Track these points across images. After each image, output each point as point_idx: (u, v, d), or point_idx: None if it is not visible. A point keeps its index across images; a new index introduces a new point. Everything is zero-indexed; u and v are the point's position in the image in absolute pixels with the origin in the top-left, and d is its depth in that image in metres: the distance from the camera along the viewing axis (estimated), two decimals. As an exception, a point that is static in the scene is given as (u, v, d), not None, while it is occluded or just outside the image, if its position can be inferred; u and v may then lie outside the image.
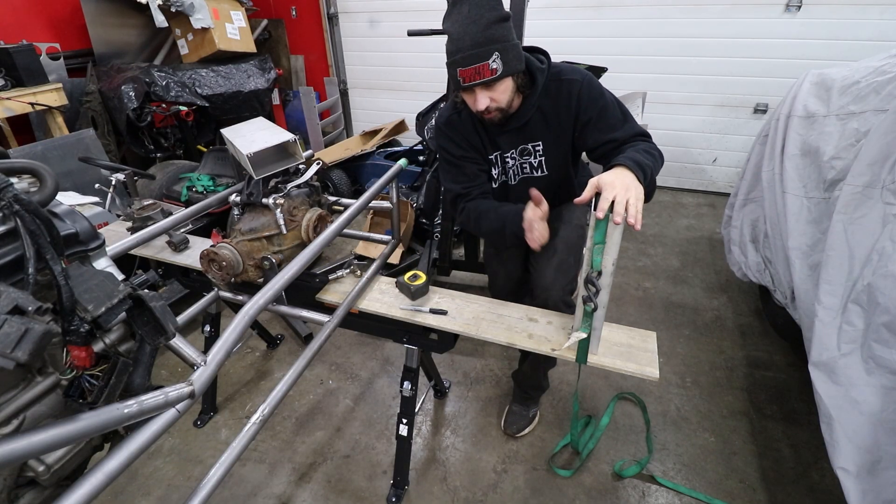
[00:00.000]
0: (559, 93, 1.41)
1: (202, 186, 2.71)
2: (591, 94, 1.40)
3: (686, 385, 2.09)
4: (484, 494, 1.68)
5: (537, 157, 1.50)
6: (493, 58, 1.23)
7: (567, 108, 1.41)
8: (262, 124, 1.53)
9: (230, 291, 1.48)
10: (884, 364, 1.31)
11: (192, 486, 0.95)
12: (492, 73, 1.25)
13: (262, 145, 1.34)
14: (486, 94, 1.31)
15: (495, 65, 1.24)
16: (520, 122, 1.43)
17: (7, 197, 0.66)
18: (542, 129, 1.46)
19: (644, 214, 3.82)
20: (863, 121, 1.66)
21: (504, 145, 1.51)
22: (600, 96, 1.42)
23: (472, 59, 1.23)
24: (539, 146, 1.48)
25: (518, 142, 1.49)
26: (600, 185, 1.05)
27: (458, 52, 1.25)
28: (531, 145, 1.48)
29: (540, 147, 1.48)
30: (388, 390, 2.12)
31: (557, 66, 1.43)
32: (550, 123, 1.44)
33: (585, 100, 1.40)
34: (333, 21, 4.72)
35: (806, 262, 1.71)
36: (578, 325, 1.19)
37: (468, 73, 1.26)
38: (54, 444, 0.59)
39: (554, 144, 1.47)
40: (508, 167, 1.55)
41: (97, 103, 3.43)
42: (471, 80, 1.27)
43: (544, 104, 1.42)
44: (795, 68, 3.14)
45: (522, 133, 1.47)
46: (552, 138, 1.47)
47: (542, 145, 1.47)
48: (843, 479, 1.32)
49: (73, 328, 0.68)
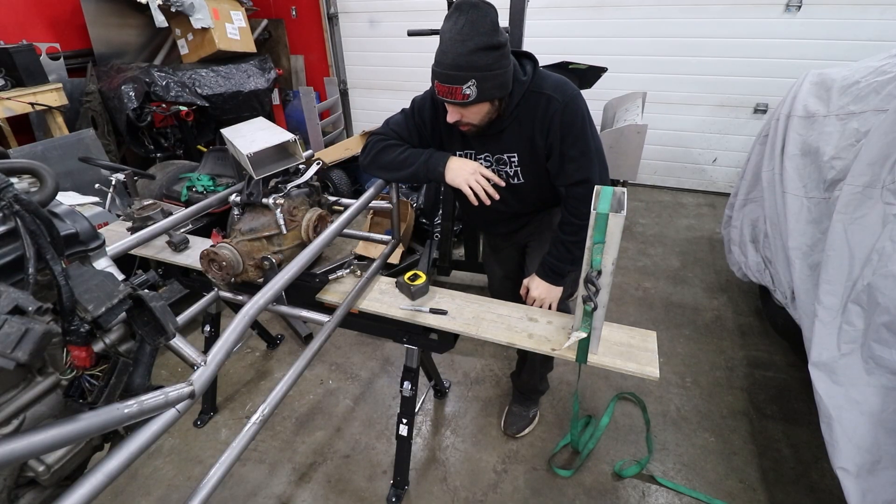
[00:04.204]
0: (536, 107, 1.35)
1: (202, 186, 2.71)
2: (565, 119, 1.31)
3: (686, 385, 2.09)
4: (484, 494, 1.68)
5: (513, 167, 1.45)
6: (467, 84, 1.20)
7: (542, 125, 1.35)
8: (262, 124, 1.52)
9: (230, 291, 1.48)
10: (884, 364, 1.31)
11: (192, 486, 0.95)
12: (463, 97, 1.23)
13: (262, 145, 1.34)
14: (458, 110, 1.29)
15: (468, 91, 1.21)
16: (495, 130, 1.38)
17: (7, 197, 0.66)
18: (517, 141, 1.40)
19: (644, 214, 3.80)
20: (863, 121, 1.66)
21: (476, 146, 1.46)
22: (572, 126, 1.32)
23: (447, 79, 1.21)
24: (514, 157, 1.43)
25: (493, 149, 1.44)
26: (531, 295, 1.47)
27: (438, 66, 1.23)
28: (507, 156, 1.43)
29: (515, 158, 1.43)
30: (388, 390, 2.12)
31: (542, 77, 1.35)
32: (523, 137, 1.39)
33: (557, 124, 1.32)
34: (333, 21, 4.72)
35: (806, 262, 1.71)
36: (578, 324, 1.19)
37: (442, 89, 1.24)
38: (54, 444, 0.59)
39: (529, 156, 1.42)
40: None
41: (97, 103, 3.43)
42: (443, 96, 1.25)
43: (521, 115, 1.36)
44: (795, 68, 3.14)
45: (498, 142, 1.42)
46: (527, 150, 1.41)
47: (518, 157, 1.43)
48: (843, 479, 1.32)
49: (73, 328, 0.68)
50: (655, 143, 3.92)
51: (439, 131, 1.48)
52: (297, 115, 4.69)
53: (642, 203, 3.87)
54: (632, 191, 4.07)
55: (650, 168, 4.09)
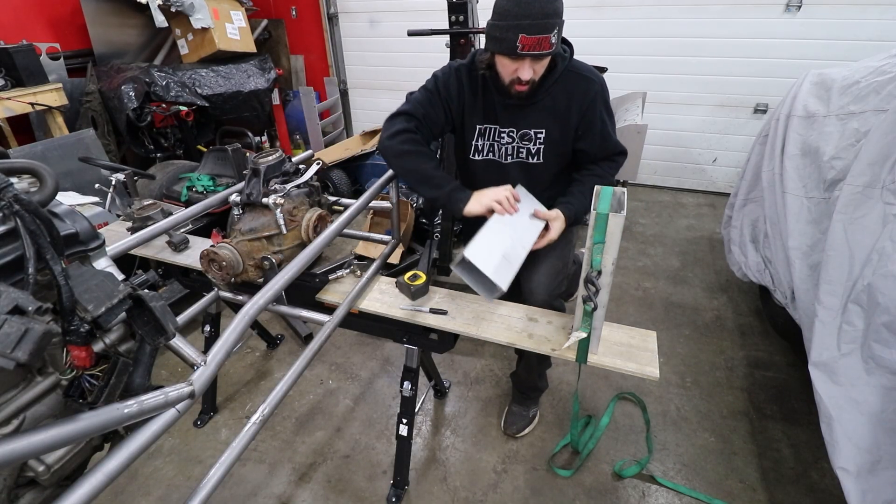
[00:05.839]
0: (575, 87, 1.39)
1: (202, 186, 2.71)
2: (604, 100, 1.41)
3: (686, 385, 2.09)
4: (484, 494, 1.68)
5: (537, 145, 1.46)
6: (554, 31, 1.20)
7: (579, 105, 1.40)
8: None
9: (230, 291, 1.48)
10: (884, 364, 1.31)
11: (192, 486, 0.95)
12: (551, 46, 1.22)
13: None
14: (533, 65, 1.28)
15: (554, 39, 1.21)
16: (528, 101, 1.40)
17: (7, 197, 0.66)
18: (548, 117, 1.42)
19: (644, 214, 3.80)
20: (863, 121, 1.66)
21: (503, 120, 1.46)
22: (608, 106, 1.43)
23: (538, 29, 1.18)
24: (542, 134, 1.44)
25: (520, 122, 1.44)
26: (549, 237, 1.39)
27: (525, 18, 1.17)
28: (533, 131, 1.44)
29: (542, 135, 1.44)
30: (388, 390, 2.12)
31: (576, 60, 1.42)
32: (558, 114, 1.41)
33: (598, 105, 1.40)
34: (333, 21, 4.72)
35: (806, 262, 1.71)
36: (578, 324, 1.19)
37: (531, 41, 1.19)
38: (54, 444, 0.59)
39: (556, 135, 1.44)
40: (503, 144, 1.49)
41: (97, 103, 3.43)
42: (531, 49, 1.21)
43: (557, 93, 1.40)
44: (795, 68, 3.14)
45: (526, 117, 1.43)
46: (556, 129, 1.43)
47: (545, 133, 1.44)
48: (843, 479, 1.32)
49: (73, 328, 0.68)
50: (655, 143, 3.92)
51: (462, 105, 1.48)
52: (297, 115, 4.69)
53: (642, 203, 3.87)
54: (632, 191, 4.07)
55: (650, 168, 4.09)
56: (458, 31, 2.45)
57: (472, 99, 1.45)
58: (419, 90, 1.50)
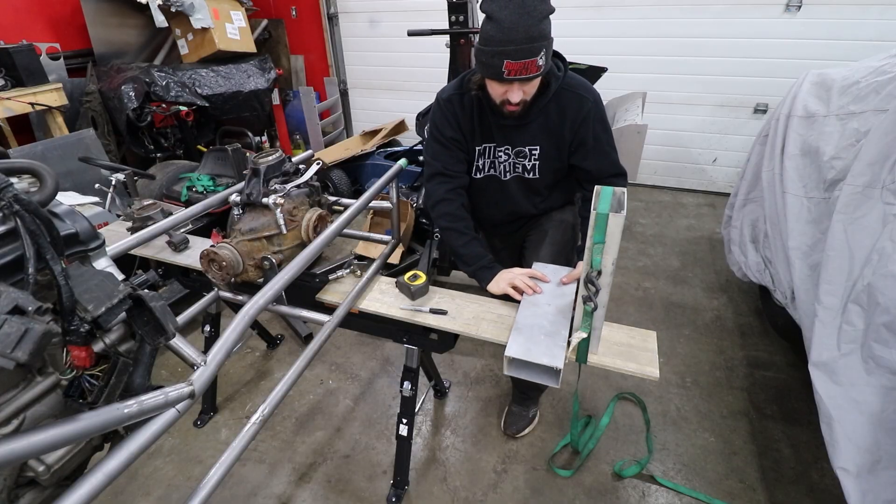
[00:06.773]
0: (569, 104, 1.39)
1: (202, 186, 2.71)
2: (598, 117, 1.42)
3: (686, 385, 2.09)
4: (484, 494, 1.68)
5: (532, 161, 1.48)
6: (541, 54, 1.19)
7: (572, 122, 1.40)
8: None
9: (230, 291, 1.48)
10: (884, 364, 1.31)
11: (192, 486, 0.95)
12: (538, 69, 1.21)
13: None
14: (523, 87, 1.29)
15: (541, 62, 1.21)
16: (522, 120, 1.42)
17: (7, 197, 0.66)
18: (542, 134, 1.44)
19: (644, 214, 3.81)
20: (863, 121, 1.66)
21: (498, 139, 1.48)
22: (602, 122, 1.43)
23: (524, 54, 1.17)
24: (536, 150, 1.46)
25: (514, 140, 1.47)
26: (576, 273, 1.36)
27: (509, 43, 1.17)
28: (528, 148, 1.46)
29: (537, 151, 1.46)
30: (388, 390, 2.12)
31: (570, 75, 1.41)
32: (552, 131, 1.43)
33: (591, 122, 1.41)
34: (333, 21, 4.72)
35: (806, 262, 1.71)
36: (578, 324, 1.19)
37: (516, 66, 1.19)
38: (54, 444, 0.59)
39: (553, 150, 1.46)
40: (500, 162, 1.52)
41: (97, 103, 3.43)
42: (517, 73, 1.21)
43: (551, 109, 1.41)
44: (795, 68, 3.13)
45: (521, 134, 1.45)
46: (551, 145, 1.45)
47: (539, 150, 1.46)
48: (843, 479, 1.31)
49: (73, 328, 0.68)
50: (655, 143, 3.92)
51: (464, 133, 1.51)
52: (297, 115, 4.69)
53: (642, 203, 3.87)
54: (632, 191, 4.06)
55: (650, 168, 4.09)
56: (458, 31, 2.45)
57: (470, 125, 1.48)
58: (429, 142, 1.56)
